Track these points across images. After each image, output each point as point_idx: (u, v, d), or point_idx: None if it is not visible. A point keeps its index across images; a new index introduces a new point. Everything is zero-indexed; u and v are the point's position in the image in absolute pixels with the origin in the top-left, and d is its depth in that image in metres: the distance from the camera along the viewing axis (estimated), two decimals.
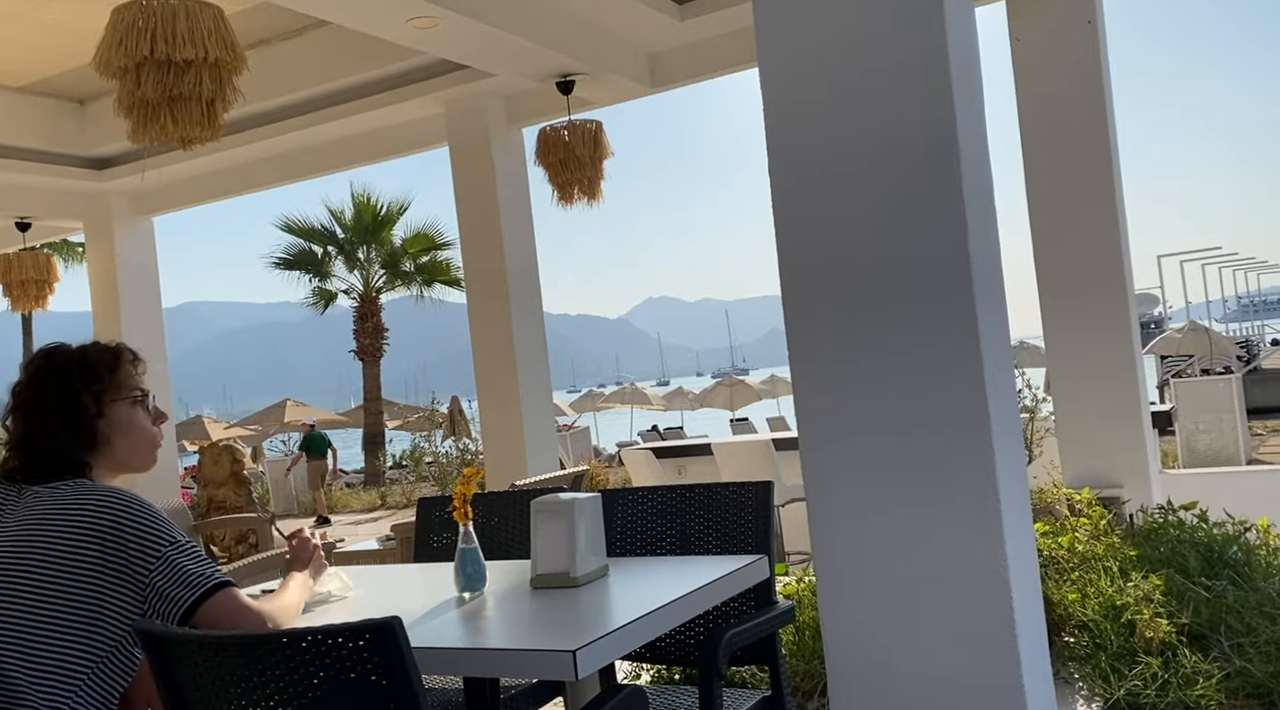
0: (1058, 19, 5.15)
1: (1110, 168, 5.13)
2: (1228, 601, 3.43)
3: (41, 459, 1.93)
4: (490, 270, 6.42)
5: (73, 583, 1.81)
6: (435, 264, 20.72)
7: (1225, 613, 3.37)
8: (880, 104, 2.19)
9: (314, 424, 18.55)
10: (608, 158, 5.91)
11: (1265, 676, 3.04)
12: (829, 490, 2.26)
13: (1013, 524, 2.15)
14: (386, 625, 1.48)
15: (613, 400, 28.59)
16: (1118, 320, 5.13)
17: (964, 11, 2.25)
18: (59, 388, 1.97)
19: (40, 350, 2.06)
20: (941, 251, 2.14)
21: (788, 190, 2.30)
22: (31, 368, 2.02)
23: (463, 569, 2.28)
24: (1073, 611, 3.54)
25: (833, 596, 2.26)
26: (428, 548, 3.25)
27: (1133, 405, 5.14)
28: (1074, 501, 4.52)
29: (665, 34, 5.82)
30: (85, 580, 1.81)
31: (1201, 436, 12.41)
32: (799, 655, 3.63)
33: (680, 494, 2.95)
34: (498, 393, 6.45)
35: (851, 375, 2.23)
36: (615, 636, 1.82)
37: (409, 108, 6.42)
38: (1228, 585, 3.55)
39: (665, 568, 2.52)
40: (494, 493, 3.48)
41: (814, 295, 2.27)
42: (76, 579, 1.81)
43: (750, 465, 7.50)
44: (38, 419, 1.96)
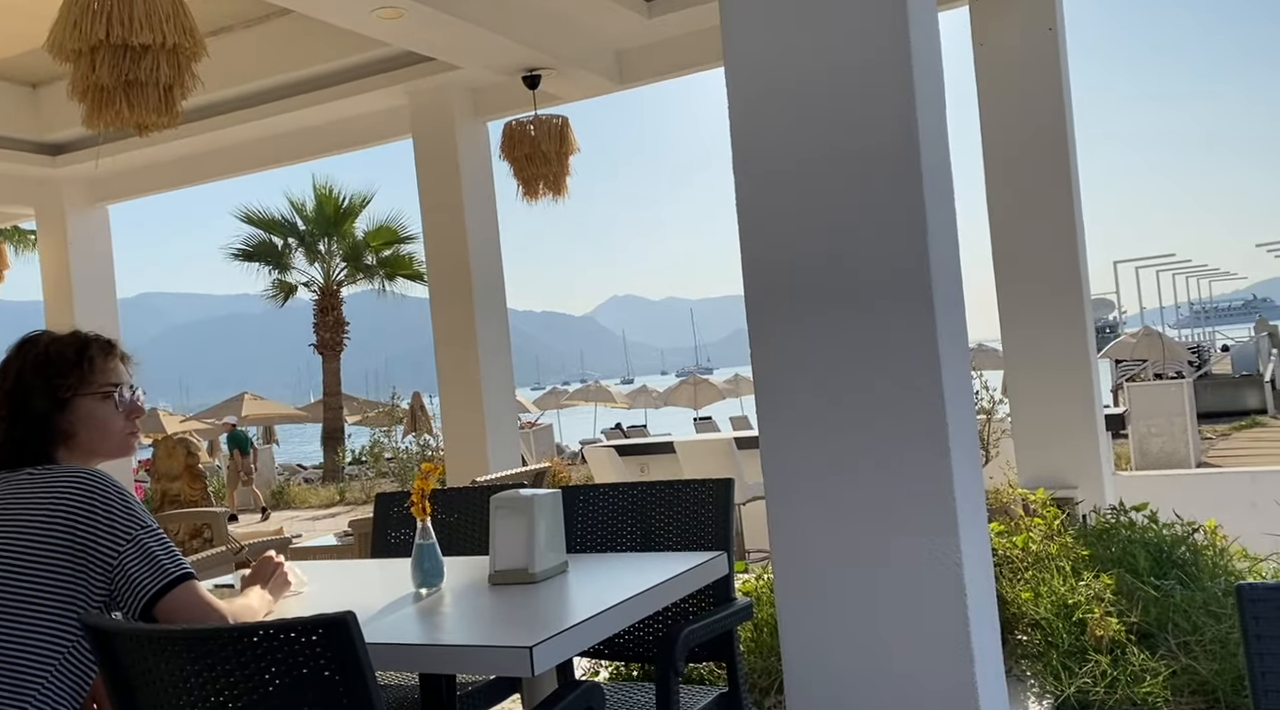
0: (1020, 25, 5.21)
1: (1069, 173, 5.21)
2: (1175, 601, 3.50)
3: (6, 450, 1.91)
4: (453, 265, 6.37)
5: (41, 567, 1.77)
6: (397, 258, 20.53)
7: (1173, 612, 3.44)
8: (844, 106, 2.20)
9: (235, 423, 18.42)
10: (574, 153, 5.89)
11: (1210, 674, 3.11)
12: (788, 488, 2.27)
13: (968, 524, 2.17)
14: (340, 620, 1.46)
15: (576, 398, 28.56)
16: (1074, 324, 5.21)
17: (927, 14, 2.27)
18: (15, 382, 1.94)
19: (18, 340, 2.04)
20: (902, 254, 2.16)
21: (751, 190, 2.31)
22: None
23: (420, 565, 2.26)
24: (1026, 610, 3.59)
25: (790, 593, 2.27)
26: (385, 543, 3.23)
27: (1087, 408, 5.22)
28: (1029, 502, 4.59)
29: (633, 30, 5.81)
30: (53, 564, 1.77)
31: (1153, 439, 12.66)
32: (756, 652, 3.65)
33: (641, 491, 2.95)
34: (460, 389, 6.40)
35: (812, 375, 2.24)
36: (573, 633, 1.81)
37: (372, 99, 6.35)
38: (1176, 585, 3.62)
39: (625, 564, 2.52)
40: (454, 489, 3.45)
41: (776, 296, 2.28)
42: (44, 564, 1.77)
43: (712, 464, 7.53)
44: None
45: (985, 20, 5.27)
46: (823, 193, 2.23)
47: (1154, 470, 10.91)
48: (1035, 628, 3.52)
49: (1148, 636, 3.38)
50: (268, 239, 20.66)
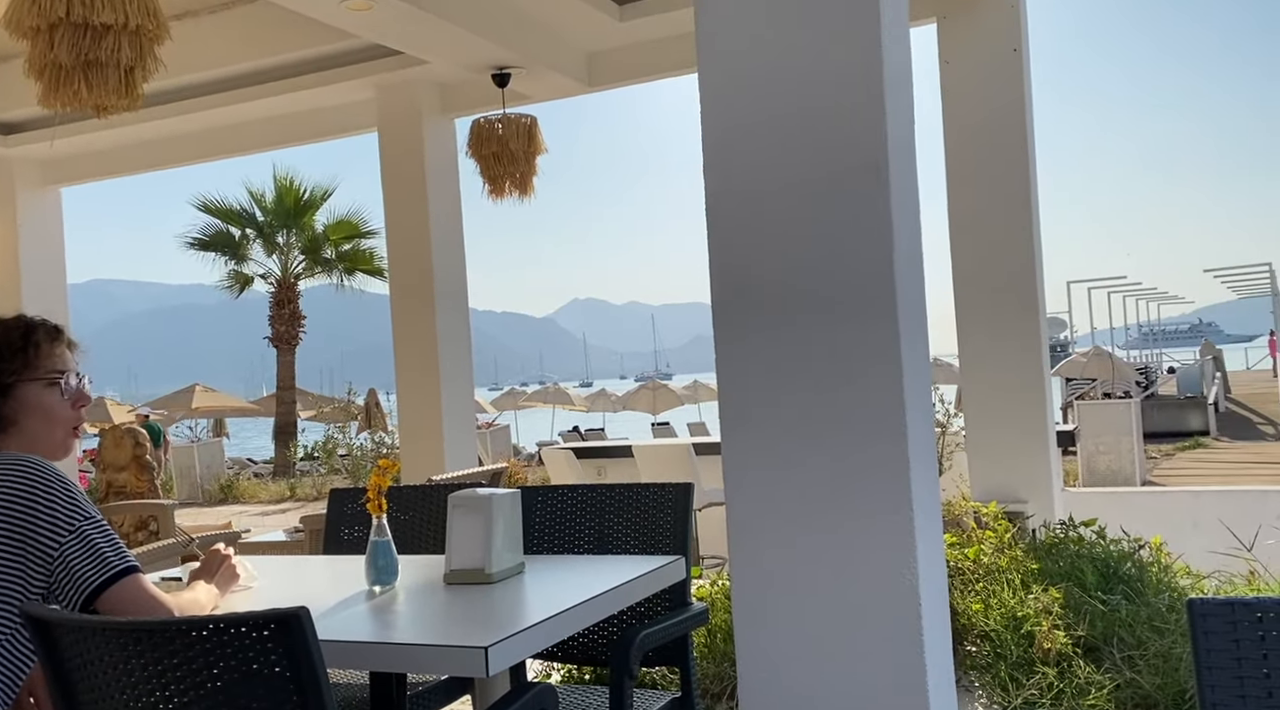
0: (985, 45, 5.29)
1: (1029, 193, 5.29)
2: (1121, 615, 3.56)
3: None
4: (415, 261, 6.31)
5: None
6: (358, 252, 20.30)
7: (1118, 626, 3.51)
8: (816, 117, 2.21)
9: (148, 414, 18.13)
10: (541, 153, 5.87)
11: (1153, 688, 3.17)
12: (749, 494, 2.28)
13: (924, 535, 2.19)
14: (293, 615, 1.44)
15: (535, 399, 28.43)
16: (1029, 342, 5.29)
17: (899, 29, 2.29)
18: None
19: None
20: (868, 266, 2.18)
21: (721, 198, 2.31)
22: None
23: (374, 562, 2.23)
24: (976, 621, 3.64)
25: (746, 599, 2.27)
26: (338, 540, 3.18)
27: (1039, 424, 5.31)
28: (981, 514, 4.65)
29: (604, 33, 5.81)
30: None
31: (1101, 457, 12.91)
32: (710, 658, 3.65)
33: (600, 493, 2.94)
34: (418, 386, 6.34)
35: (776, 383, 2.25)
36: (528, 634, 1.80)
37: (338, 90, 6.28)
38: (1121, 600, 3.69)
39: (582, 566, 2.51)
40: (409, 486, 3.42)
41: (743, 303, 2.29)
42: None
43: (670, 468, 7.54)
44: None
45: (952, 39, 5.35)
46: (792, 204, 2.24)
47: (1101, 487, 11.12)
48: (985, 639, 3.56)
49: (1094, 650, 3.44)
50: (225, 229, 20.32)
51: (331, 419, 18.32)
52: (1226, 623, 1.26)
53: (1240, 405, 25.28)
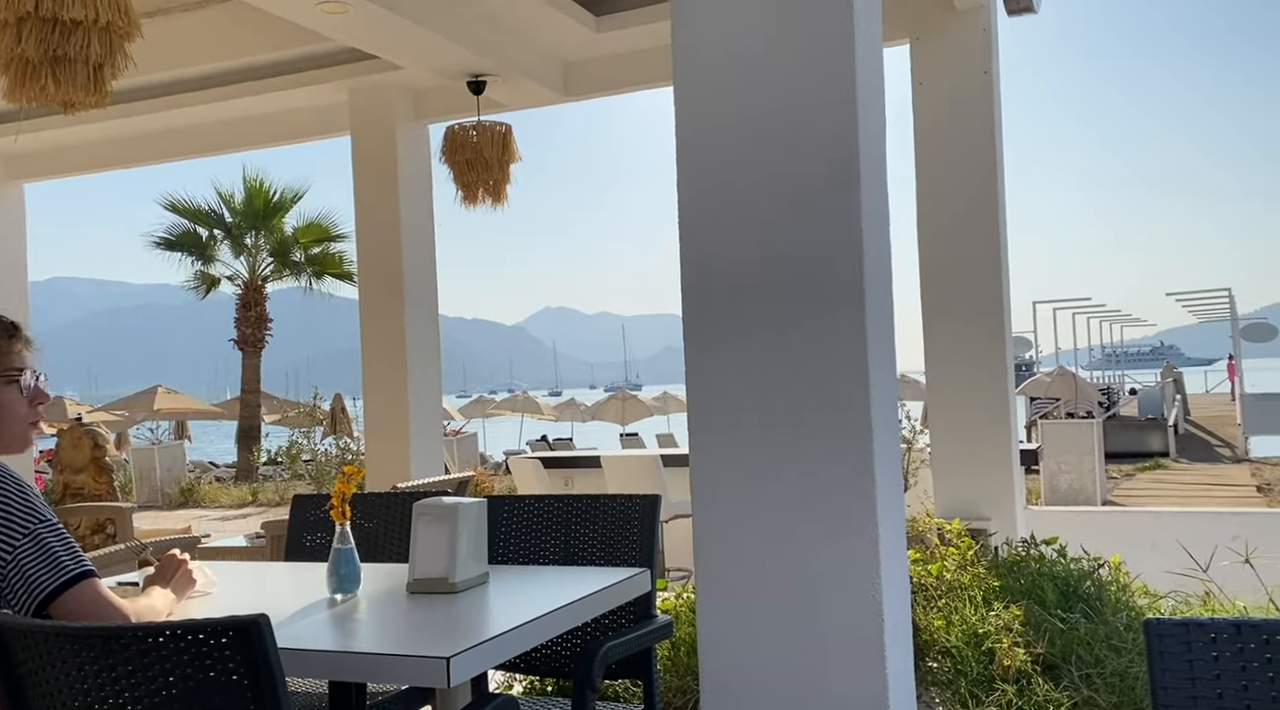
0: (957, 67, 5.37)
1: (997, 213, 5.36)
2: (1080, 634, 3.60)
3: None
4: (386, 266, 6.27)
5: None
6: (327, 256, 20.13)
7: (1077, 644, 3.54)
8: (790, 130, 2.23)
9: (80, 417, 17.87)
10: (515, 162, 5.86)
11: (1109, 706, 3.20)
12: (715, 505, 2.28)
13: (888, 551, 2.20)
14: (252, 623, 1.42)
15: (503, 408, 28.31)
16: (994, 361, 5.35)
17: (873, 47, 2.32)
18: None
19: None
20: (838, 278, 2.19)
21: (693, 210, 2.32)
22: None
23: (336, 570, 2.21)
24: (938, 637, 3.66)
25: (711, 612, 2.27)
26: (300, 547, 3.15)
27: (1003, 443, 5.36)
28: (944, 531, 4.69)
29: (581, 44, 5.82)
30: None
31: (1063, 476, 13.07)
32: (673, 671, 3.64)
33: (567, 504, 2.93)
34: (385, 392, 6.30)
35: (744, 395, 2.26)
36: (491, 645, 1.78)
37: (311, 93, 6.24)
38: (1081, 618, 3.73)
39: (547, 577, 2.49)
40: (374, 494, 3.39)
41: (712, 314, 2.29)
42: None
43: (637, 480, 7.53)
44: None
45: (924, 60, 5.41)
46: (765, 215, 2.25)
47: (1063, 506, 11.26)
48: (946, 655, 3.59)
49: (1053, 668, 3.47)
50: (192, 229, 20.08)
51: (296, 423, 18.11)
52: (1181, 643, 1.28)
53: (1199, 428, 25.72)
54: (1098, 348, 33.08)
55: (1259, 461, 18.75)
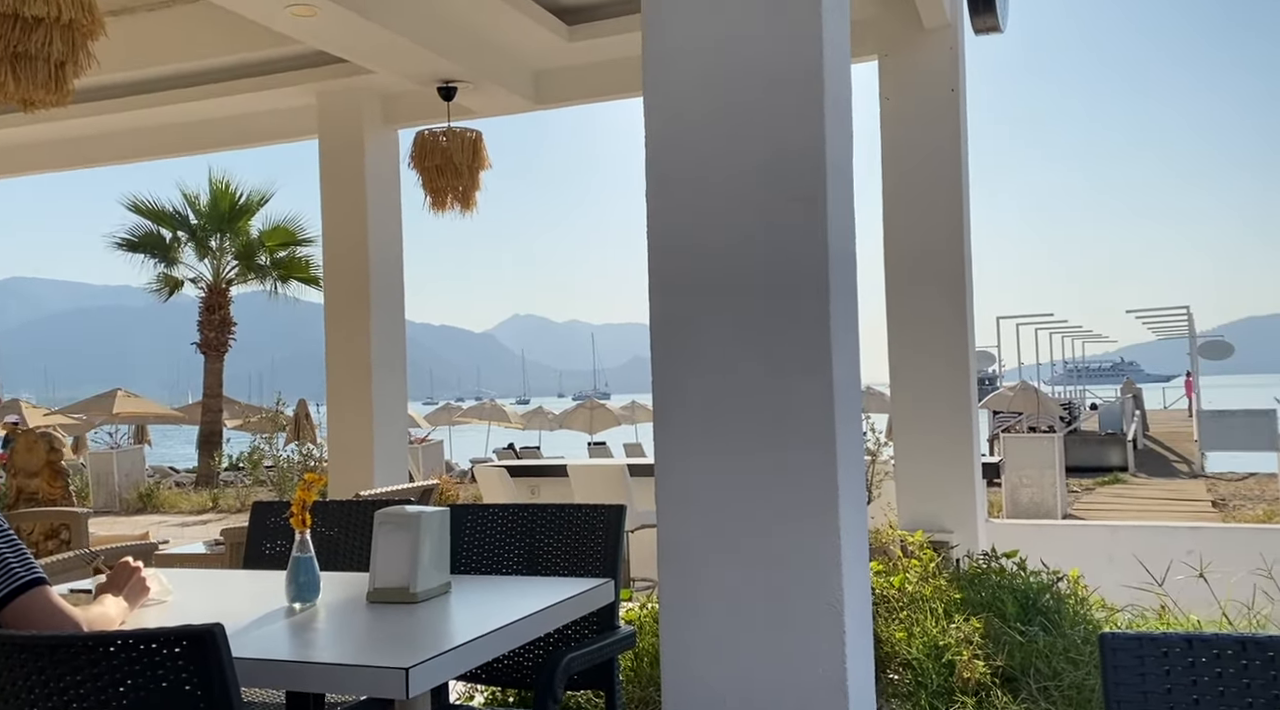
0: (924, 84, 5.43)
1: (961, 229, 5.43)
2: (1038, 646, 3.63)
3: None
4: (352, 271, 6.23)
5: None
6: (293, 260, 19.92)
7: (1035, 657, 3.58)
8: (758, 135, 2.25)
9: (16, 422, 17.61)
10: (485, 168, 5.84)
11: None
12: (679, 515, 2.28)
13: (851, 563, 2.22)
14: (207, 632, 1.39)
15: (470, 415, 28.14)
16: (958, 375, 5.41)
17: (840, 55, 2.34)
18: None
19: None
20: (803, 291, 2.21)
21: (662, 212, 2.33)
22: None
23: (295, 578, 2.18)
24: (899, 649, 3.68)
25: (673, 623, 2.27)
26: (259, 555, 3.11)
27: (966, 456, 5.42)
28: (907, 543, 4.72)
29: (553, 52, 5.82)
30: None
31: (1024, 489, 13.22)
32: (636, 682, 3.63)
33: (531, 513, 2.92)
34: (349, 399, 6.24)
35: (710, 406, 2.26)
36: (452, 655, 1.77)
37: (278, 95, 6.18)
38: (1039, 631, 3.77)
39: (510, 587, 2.48)
40: (336, 502, 3.35)
41: (679, 318, 2.30)
42: None
43: (604, 489, 7.50)
44: None
45: (892, 77, 5.48)
46: (732, 215, 2.26)
47: (1024, 519, 11.38)
48: (907, 667, 3.60)
49: (1012, 680, 3.50)
50: (156, 230, 19.80)
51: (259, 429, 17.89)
52: (1135, 657, 1.30)
53: (1157, 443, 26.14)
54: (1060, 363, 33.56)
55: (1214, 477, 19.09)
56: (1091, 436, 22.47)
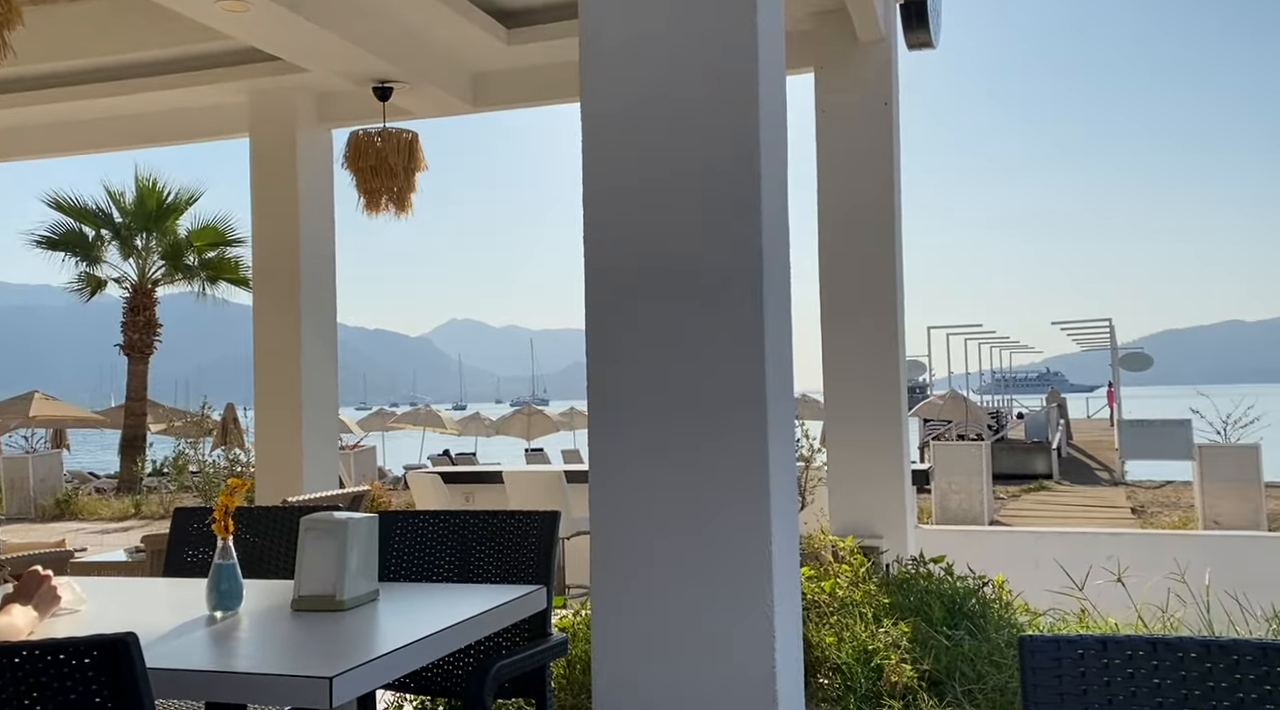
0: (858, 96, 5.53)
1: (893, 239, 5.53)
2: (964, 650, 3.71)
3: None
4: (282, 273, 6.10)
5: None
6: (222, 261, 19.44)
7: (961, 660, 3.65)
8: (694, 137, 2.26)
9: None
10: (421, 170, 5.78)
11: None
12: (612, 518, 2.27)
13: (782, 567, 2.23)
14: (119, 642, 1.35)
15: (404, 421, 27.76)
16: (888, 383, 5.50)
17: (776, 69, 2.36)
18: None
19: None
20: (738, 297, 2.22)
21: (597, 212, 2.32)
22: None
23: (216, 586, 2.12)
24: (829, 654, 3.72)
25: (605, 630, 2.26)
26: (181, 562, 3.02)
27: (896, 463, 5.51)
28: (838, 548, 4.78)
29: (491, 55, 5.79)
30: None
31: (953, 496, 13.50)
32: (568, 689, 3.61)
33: (463, 520, 2.89)
34: (277, 402, 6.11)
35: (642, 408, 2.26)
36: (378, 664, 1.74)
37: (209, 92, 6.04)
38: (965, 635, 3.84)
39: (439, 595, 2.45)
40: (262, 507, 3.27)
41: (614, 319, 2.30)
42: None
43: (540, 496, 7.46)
44: None
45: (828, 88, 5.56)
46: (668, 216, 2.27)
47: (952, 525, 11.62)
48: (836, 672, 3.65)
49: (938, 684, 3.56)
50: (77, 228, 19.17)
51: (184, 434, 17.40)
52: (1052, 659, 1.33)
53: (1080, 451, 26.93)
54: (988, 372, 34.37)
55: (1134, 484, 19.72)
56: (1018, 444, 23.05)
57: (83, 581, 2.34)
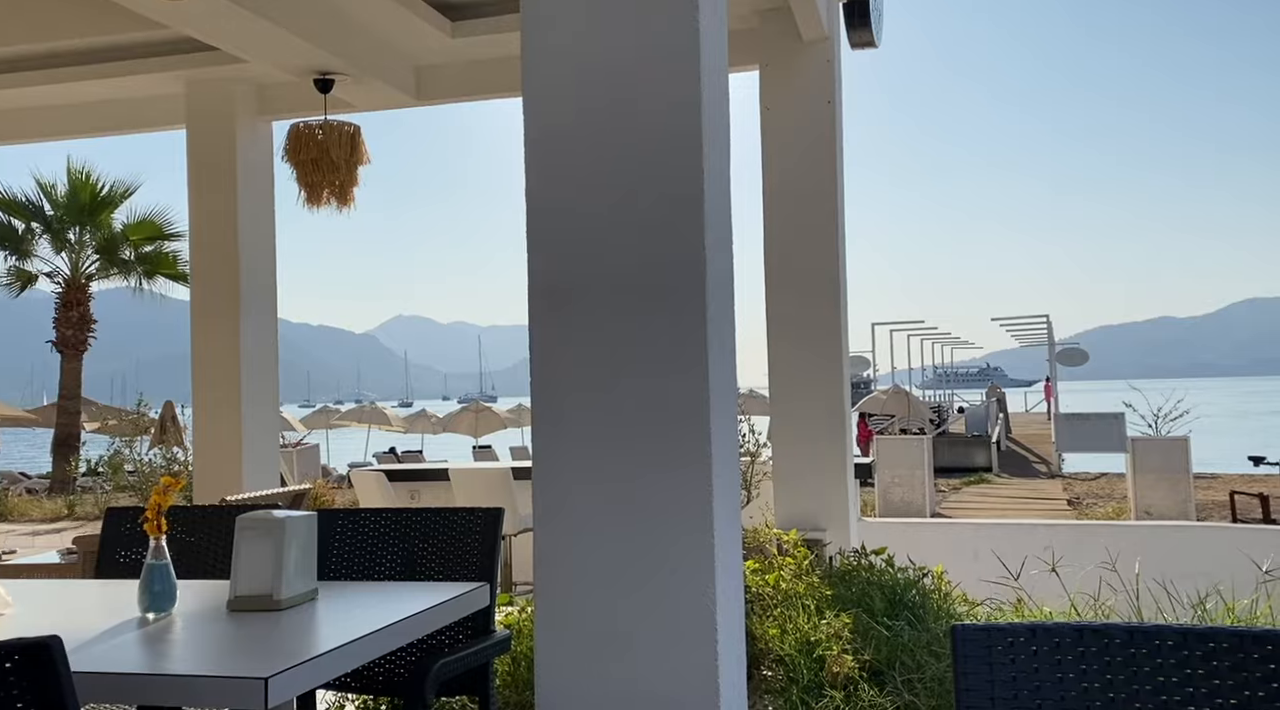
0: (802, 95, 5.58)
1: (836, 236, 5.59)
2: (904, 641, 3.77)
3: None
4: (221, 268, 5.98)
5: None
6: (160, 255, 18.97)
7: (901, 651, 3.71)
8: (636, 138, 2.26)
9: None
10: (364, 163, 5.70)
11: None
12: (556, 515, 2.27)
13: (724, 562, 2.25)
14: (41, 645, 1.31)
15: (349, 418, 27.38)
16: (832, 379, 5.57)
17: (718, 66, 2.38)
18: None
19: None
20: (681, 294, 2.23)
21: (540, 214, 2.32)
22: None
23: (149, 587, 2.08)
24: (772, 646, 3.76)
25: (548, 624, 2.26)
26: (114, 563, 2.95)
27: (839, 457, 5.58)
28: (783, 542, 4.83)
29: (435, 48, 5.73)
30: None
31: (896, 489, 13.72)
32: (513, 686, 3.60)
33: (406, 517, 2.87)
34: (217, 400, 5.99)
35: (586, 403, 2.26)
36: (315, 664, 1.72)
37: (144, 82, 5.90)
38: (905, 626, 3.91)
39: (380, 593, 2.42)
40: (199, 507, 3.22)
41: (556, 325, 2.29)
42: None
43: (486, 493, 7.42)
44: None
45: (772, 87, 5.60)
46: (610, 217, 2.27)
47: (894, 518, 11.80)
48: (780, 663, 3.69)
49: (878, 674, 3.62)
50: (6, 221, 18.59)
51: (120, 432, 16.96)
52: (983, 647, 1.36)
53: (1019, 445, 27.53)
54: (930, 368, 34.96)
55: (1070, 477, 20.23)
56: (959, 438, 23.49)
57: (11, 585, 2.27)
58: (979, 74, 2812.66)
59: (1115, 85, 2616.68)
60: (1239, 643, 1.32)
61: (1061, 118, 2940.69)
